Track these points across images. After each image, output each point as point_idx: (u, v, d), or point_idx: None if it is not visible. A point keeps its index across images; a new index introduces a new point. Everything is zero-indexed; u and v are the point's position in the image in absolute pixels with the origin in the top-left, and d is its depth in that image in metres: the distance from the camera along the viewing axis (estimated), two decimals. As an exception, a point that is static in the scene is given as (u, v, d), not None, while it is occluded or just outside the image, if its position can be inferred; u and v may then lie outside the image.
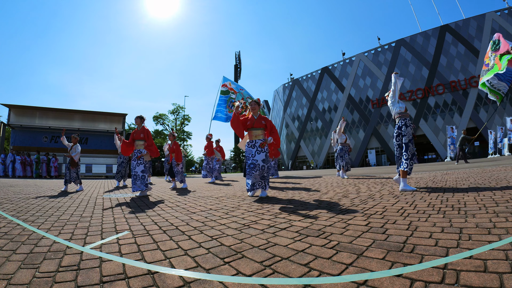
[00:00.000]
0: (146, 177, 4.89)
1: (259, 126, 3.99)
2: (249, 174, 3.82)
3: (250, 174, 3.81)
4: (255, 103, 4.08)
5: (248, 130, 4.04)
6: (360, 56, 38.71)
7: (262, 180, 3.89)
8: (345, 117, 38.38)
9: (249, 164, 3.85)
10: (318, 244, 1.56)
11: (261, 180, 3.88)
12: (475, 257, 1.20)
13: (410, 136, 3.63)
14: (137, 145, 5.00)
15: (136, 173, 4.78)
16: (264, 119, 4.04)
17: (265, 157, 3.86)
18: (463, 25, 30.68)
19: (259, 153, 3.85)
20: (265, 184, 3.93)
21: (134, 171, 4.80)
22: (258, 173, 3.81)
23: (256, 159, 3.82)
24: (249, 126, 4.01)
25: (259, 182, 3.88)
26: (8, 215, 2.81)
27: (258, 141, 3.93)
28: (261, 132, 3.99)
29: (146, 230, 2.11)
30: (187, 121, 33.32)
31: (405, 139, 3.65)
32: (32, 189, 6.01)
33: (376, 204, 2.77)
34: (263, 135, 4.00)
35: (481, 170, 6.49)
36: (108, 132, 17.71)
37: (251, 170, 3.81)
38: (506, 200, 2.41)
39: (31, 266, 1.37)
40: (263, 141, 3.91)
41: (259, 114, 4.08)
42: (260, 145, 3.87)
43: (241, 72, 49.57)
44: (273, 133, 4.02)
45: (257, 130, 3.99)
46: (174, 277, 1.20)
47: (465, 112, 29.33)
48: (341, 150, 7.21)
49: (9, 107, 15.82)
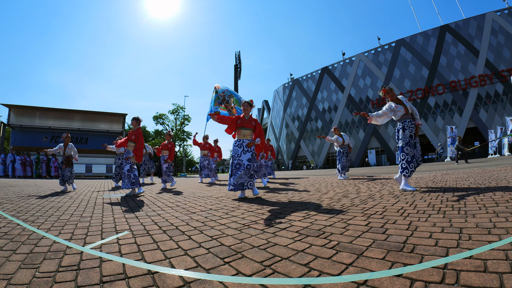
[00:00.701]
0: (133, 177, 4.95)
1: (248, 126, 4.05)
2: (235, 174, 3.81)
3: (236, 174, 3.80)
4: (248, 104, 4.13)
5: (237, 129, 4.06)
6: (360, 56, 38.70)
7: (251, 179, 3.87)
8: (345, 117, 38.46)
9: (235, 164, 3.85)
10: (318, 244, 1.56)
11: (250, 179, 3.86)
12: (475, 257, 1.20)
13: (406, 139, 3.61)
14: (128, 146, 5.08)
15: (124, 172, 4.94)
16: (254, 121, 4.12)
17: (251, 157, 3.89)
18: (463, 25, 30.68)
19: (245, 153, 3.88)
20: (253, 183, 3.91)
21: (123, 170, 4.98)
22: (244, 172, 3.80)
23: (241, 159, 3.85)
24: (239, 125, 4.04)
25: (249, 182, 3.85)
26: (8, 215, 2.81)
27: (245, 140, 3.97)
28: (249, 133, 4.05)
29: (146, 230, 2.11)
30: (187, 121, 33.30)
31: (401, 143, 3.66)
32: (32, 189, 6.01)
33: (376, 204, 2.77)
34: (251, 135, 4.06)
35: (481, 170, 6.49)
36: (108, 132, 17.72)
37: (236, 170, 3.81)
38: (506, 200, 2.41)
39: (31, 266, 1.37)
40: (250, 141, 3.96)
41: (250, 115, 4.16)
42: (247, 144, 3.92)
43: (241, 72, 49.54)
44: (261, 136, 4.10)
45: (246, 130, 4.04)
46: (174, 277, 1.20)
47: (465, 112, 29.32)
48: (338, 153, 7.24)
49: (9, 107, 15.82)
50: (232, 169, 3.88)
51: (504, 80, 27.29)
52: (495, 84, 28.08)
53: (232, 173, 3.85)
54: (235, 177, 3.79)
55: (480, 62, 28.99)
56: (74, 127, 16.96)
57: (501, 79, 27.57)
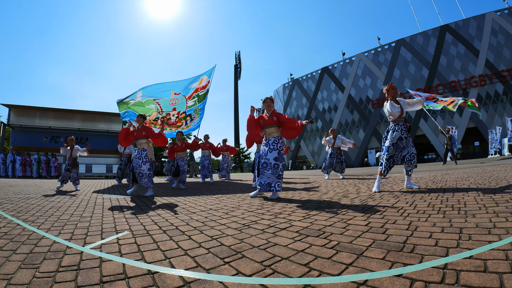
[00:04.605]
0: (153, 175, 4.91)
1: (271, 123, 3.94)
2: (262, 174, 3.77)
3: (263, 174, 3.76)
4: (270, 100, 4.01)
5: (263, 129, 4.02)
6: (360, 56, 38.70)
7: (279, 180, 3.76)
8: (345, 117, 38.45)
9: (262, 163, 3.79)
10: (318, 244, 1.56)
11: (278, 180, 3.75)
12: (475, 257, 1.20)
13: (394, 140, 3.63)
14: (140, 144, 4.94)
15: (143, 171, 4.79)
16: (276, 115, 3.96)
17: (278, 155, 3.79)
18: (463, 25, 30.68)
19: (271, 151, 3.80)
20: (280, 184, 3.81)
21: (140, 169, 4.79)
22: (271, 172, 3.73)
23: (268, 157, 3.78)
24: (262, 125, 3.99)
25: (277, 183, 3.73)
26: (8, 215, 2.81)
27: (271, 138, 3.89)
28: (274, 130, 3.93)
29: (146, 230, 2.11)
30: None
31: (387, 142, 3.70)
32: (32, 189, 6.01)
33: (376, 204, 2.77)
34: (277, 132, 3.93)
35: (481, 170, 6.49)
36: (108, 132, 17.70)
37: (263, 170, 3.76)
38: (506, 200, 2.41)
39: (31, 266, 1.37)
40: (276, 138, 3.87)
41: (272, 110, 4.02)
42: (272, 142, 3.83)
43: (241, 72, 49.58)
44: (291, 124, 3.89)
45: (269, 128, 3.95)
46: (174, 277, 1.20)
47: (465, 112, 29.29)
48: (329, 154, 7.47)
49: (9, 107, 15.81)
50: (258, 169, 3.84)
51: (504, 80, 27.30)
52: (495, 84, 28.09)
53: (259, 173, 3.80)
54: (263, 177, 3.73)
55: (480, 62, 28.99)
56: (74, 127, 16.93)
57: (501, 79, 27.58)
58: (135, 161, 4.85)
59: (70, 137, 6.42)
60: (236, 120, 46.54)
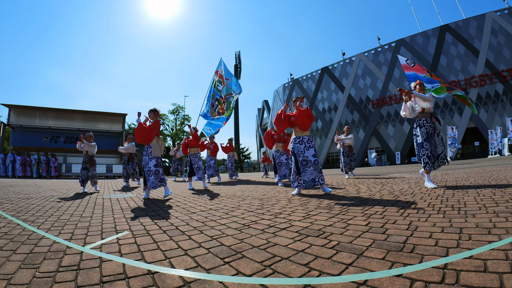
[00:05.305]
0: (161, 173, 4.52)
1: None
2: (304, 172, 3.82)
3: (305, 171, 3.81)
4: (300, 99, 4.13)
5: (294, 127, 4.07)
6: (360, 56, 38.70)
7: (321, 174, 3.84)
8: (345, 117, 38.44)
9: (301, 161, 3.85)
10: (318, 244, 1.56)
11: (320, 174, 3.83)
12: (475, 257, 1.20)
13: (424, 135, 3.70)
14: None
15: (149, 169, 4.41)
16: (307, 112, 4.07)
17: (315, 152, 3.90)
18: (463, 25, 30.68)
19: (308, 149, 3.88)
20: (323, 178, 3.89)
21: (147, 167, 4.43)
22: (313, 168, 3.81)
23: (306, 155, 3.85)
24: (294, 123, 4.04)
25: (320, 177, 3.82)
26: (8, 215, 2.81)
27: (305, 137, 3.95)
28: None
29: (146, 230, 2.11)
30: (187, 121, 33.29)
31: (419, 139, 3.76)
32: (32, 189, 6.00)
33: (376, 204, 2.77)
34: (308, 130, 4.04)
35: (481, 170, 6.49)
36: (108, 132, 17.71)
37: (304, 167, 3.82)
38: (506, 200, 2.41)
39: (31, 266, 1.37)
40: (310, 137, 3.96)
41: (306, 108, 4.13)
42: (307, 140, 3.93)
43: (241, 72, 49.57)
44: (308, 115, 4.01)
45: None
46: (174, 277, 1.20)
47: (465, 112, 29.29)
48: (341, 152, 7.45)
49: (9, 107, 15.81)
50: (298, 167, 3.86)
51: (504, 80, 27.29)
52: (495, 84, 28.08)
53: (299, 171, 3.83)
54: (306, 174, 3.79)
55: (480, 62, 28.98)
56: (74, 127, 16.93)
57: (501, 79, 27.57)
58: (143, 159, 4.54)
59: (88, 134, 6.15)
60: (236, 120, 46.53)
